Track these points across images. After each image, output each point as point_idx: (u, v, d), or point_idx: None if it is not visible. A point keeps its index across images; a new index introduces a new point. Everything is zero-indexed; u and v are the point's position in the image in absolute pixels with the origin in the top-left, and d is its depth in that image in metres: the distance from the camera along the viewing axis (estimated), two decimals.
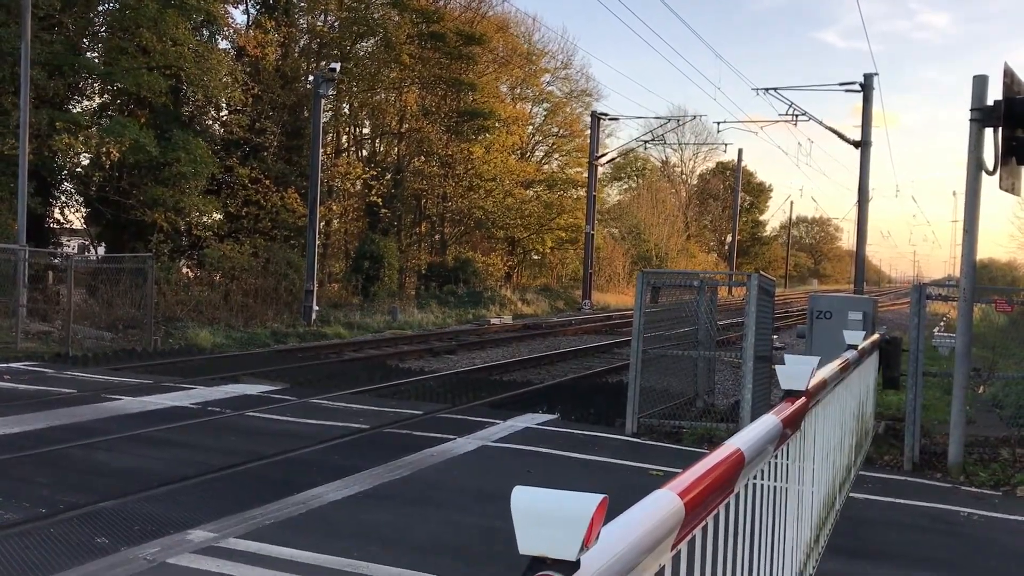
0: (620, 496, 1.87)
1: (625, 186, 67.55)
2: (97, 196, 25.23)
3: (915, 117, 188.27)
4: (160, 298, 20.45)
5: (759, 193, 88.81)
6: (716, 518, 2.29)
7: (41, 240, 23.68)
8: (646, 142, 43.18)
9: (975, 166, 8.66)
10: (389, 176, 35.94)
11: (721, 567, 2.54)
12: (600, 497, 1.38)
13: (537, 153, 51.31)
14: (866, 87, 26.88)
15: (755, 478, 2.89)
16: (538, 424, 10.82)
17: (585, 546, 1.35)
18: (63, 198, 26.18)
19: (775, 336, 16.92)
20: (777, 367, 3.71)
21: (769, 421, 2.97)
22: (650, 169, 70.04)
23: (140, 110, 25.31)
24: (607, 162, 44.57)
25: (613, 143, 49.00)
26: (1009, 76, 8.45)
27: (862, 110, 26.98)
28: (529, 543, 1.36)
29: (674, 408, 11.11)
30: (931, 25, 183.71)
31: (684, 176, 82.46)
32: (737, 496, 2.56)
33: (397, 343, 21.17)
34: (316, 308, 23.88)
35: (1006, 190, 8.77)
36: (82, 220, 27.38)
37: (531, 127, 50.19)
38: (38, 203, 22.44)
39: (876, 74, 27.00)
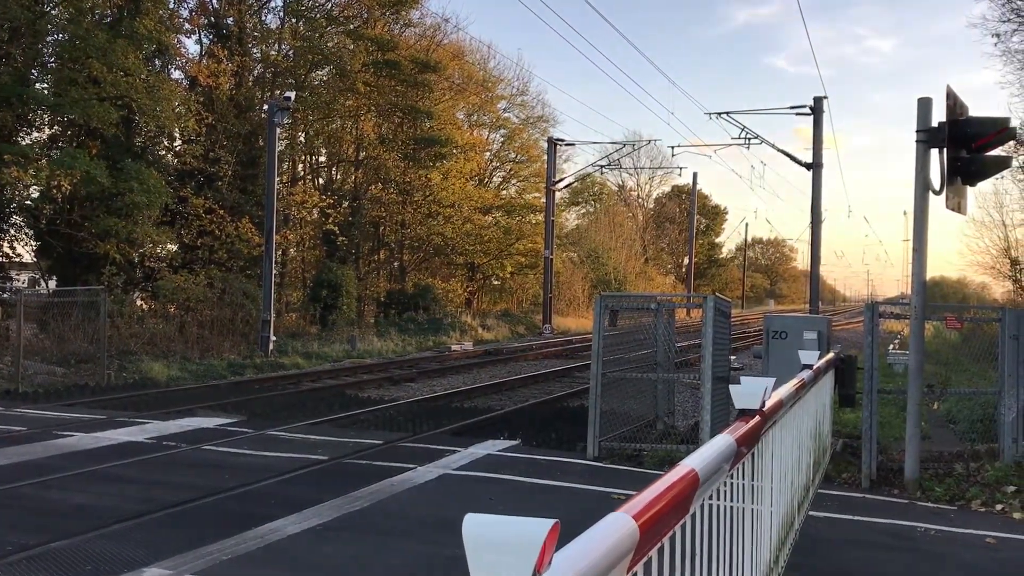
0: (581, 521, 1.87)
1: (583, 211, 67.97)
2: (47, 229, 24.80)
3: (865, 139, 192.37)
4: (113, 331, 20.09)
5: (714, 216, 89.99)
6: (672, 540, 2.29)
7: None
8: (602, 167, 43.60)
9: (922, 186, 8.84)
10: (346, 204, 35.80)
11: None
12: (551, 522, 1.37)
13: (495, 179, 51.50)
14: (816, 110, 27.38)
15: (712, 498, 2.90)
16: (499, 451, 10.78)
17: (537, 572, 1.34)
18: (12, 231, 25.70)
19: (733, 357, 17.05)
20: (732, 387, 3.73)
21: (723, 440, 2.98)
22: (607, 194, 70.56)
23: (91, 141, 24.96)
24: (564, 187, 44.83)
25: (570, 168, 49.12)
26: (952, 99, 8.66)
27: (813, 133, 27.47)
28: (481, 570, 1.35)
29: (635, 431, 11.14)
30: (877, 50, 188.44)
31: (641, 200, 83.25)
32: (693, 517, 2.56)
33: (356, 372, 20.99)
34: (273, 338, 23.64)
35: (952, 209, 8.95)
36: (32, 253, 26.89)
37: (488, 153, 50.41)
38: None
39: (825, 97, 27.52)
